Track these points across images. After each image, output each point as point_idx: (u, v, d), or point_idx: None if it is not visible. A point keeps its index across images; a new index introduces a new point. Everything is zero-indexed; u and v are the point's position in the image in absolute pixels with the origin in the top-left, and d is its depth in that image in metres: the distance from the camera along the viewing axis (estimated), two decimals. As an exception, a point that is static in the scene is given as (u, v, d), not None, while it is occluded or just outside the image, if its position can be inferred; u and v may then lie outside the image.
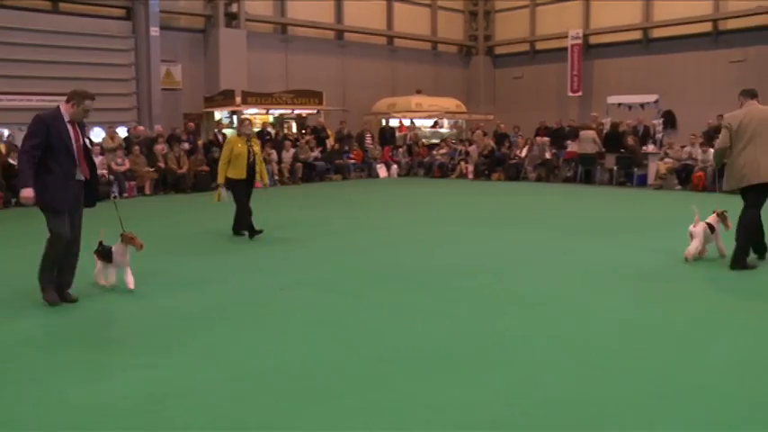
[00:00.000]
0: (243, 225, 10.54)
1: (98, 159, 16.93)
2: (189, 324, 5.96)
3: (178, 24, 23.21)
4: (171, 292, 7.07)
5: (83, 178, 6.57)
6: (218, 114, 22.55)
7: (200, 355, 5.16)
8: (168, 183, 18.17)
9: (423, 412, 4.04)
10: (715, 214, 8.34)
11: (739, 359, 4.91)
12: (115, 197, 16.50)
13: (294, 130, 24.23)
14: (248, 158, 10.39)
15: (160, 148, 18.34)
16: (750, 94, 8.05)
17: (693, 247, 8.15)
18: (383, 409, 4.09)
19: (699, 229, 8.20)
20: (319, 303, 6.63)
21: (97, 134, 19.07)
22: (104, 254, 7.08)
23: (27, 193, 6.23)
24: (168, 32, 22.30)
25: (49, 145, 6.32)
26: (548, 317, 6.08)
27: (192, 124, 20.47)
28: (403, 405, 4.15)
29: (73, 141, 6.46)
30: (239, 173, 10.36)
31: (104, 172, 16.92)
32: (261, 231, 10.39)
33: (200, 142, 19.83)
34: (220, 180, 10.58)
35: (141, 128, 19.67)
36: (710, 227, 8.26)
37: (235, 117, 22.47)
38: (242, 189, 10.44)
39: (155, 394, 4.36)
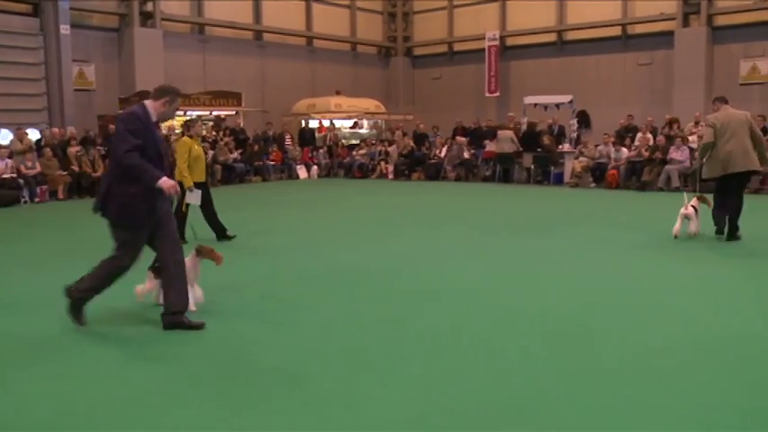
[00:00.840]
0: (216, 227, 10.15)
1: (4, 163, 16.29)
2: (102, 330, 5.74)
3: (90, 23, 22.46)
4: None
5: None
6: (134, 116, 21.92)
7: (114, 363, 4.99)
8: (83, 187, 17.60)
9: (343, 412, 4.03)
10: (696, 199, 9.86)
11: (660, 349, 5.04)
12: (26, 201, 15.96)
13: (213, 131, 23.83)
14: (206, 160, 10.11)
15: (73, 150, 17.75)
16: (723, 100, 9.72)
17: (694, 225, 9.70)
18: (303, 410, 4.06)
19: (691, 211, 9.66)
20: (236, 305, 6.52)
21: (5, 136, 18.29)
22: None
23: (169, 181, 5.42)
24: (80, 31, 21.58)
25: (140, 148, 5.41)
26: (466, 314, 6.11)
27: (113, 126, 19.75)
28: (323, 405, 4.12)
29: (161, 145, 5.67)
30: (200, 175, 9.96)
31: (13, 175, 16.29)
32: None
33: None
34: (189, 183, 9.61)
35: (56, 130, 18.93)
36: (695, 209, 9.74)
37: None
38: (203, 193, 9.94)
39: (61, 408, 4.17)
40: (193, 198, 9.72)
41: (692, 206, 9.69)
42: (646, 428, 3.78)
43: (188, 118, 17.29)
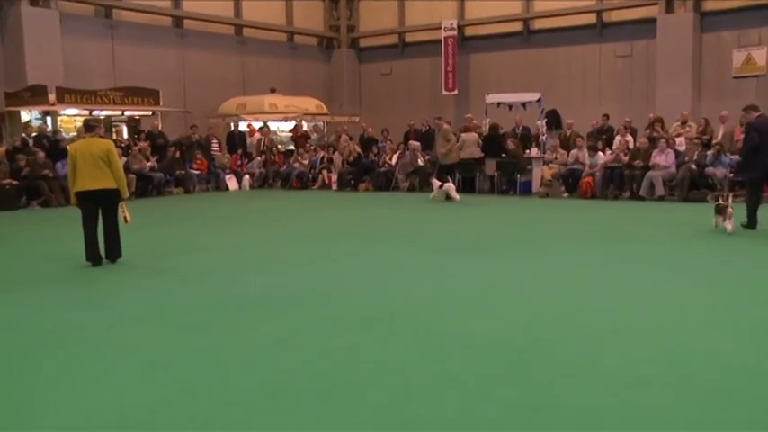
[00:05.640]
0: (117, 245, 10.07)
1: None
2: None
3: (-40, -2, 21.44)
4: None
5: None
6: (27, 115, 21.16)
7: (15, 407, 4.84)
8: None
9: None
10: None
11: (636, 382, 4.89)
12: None
13: (125, 135, 23.26)
14: None
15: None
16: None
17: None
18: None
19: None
20: (156, 340, 6.37)
21: None
22: None
23: None
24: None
25: None
26: (414, 343, 6.08)
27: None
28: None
29: None
30: None
31: None
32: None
33: (1, 149, 18.53)
34: (127, 193, 10.32)
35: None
36: None
37: (49, 119, 21.30)
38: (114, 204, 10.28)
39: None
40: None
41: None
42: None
43: (91, 117, 16.74)
